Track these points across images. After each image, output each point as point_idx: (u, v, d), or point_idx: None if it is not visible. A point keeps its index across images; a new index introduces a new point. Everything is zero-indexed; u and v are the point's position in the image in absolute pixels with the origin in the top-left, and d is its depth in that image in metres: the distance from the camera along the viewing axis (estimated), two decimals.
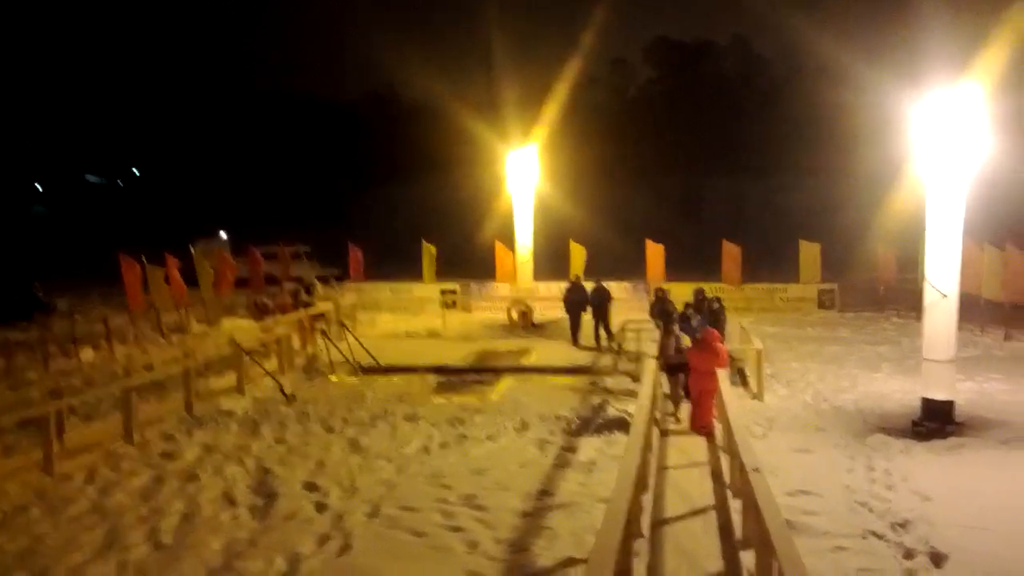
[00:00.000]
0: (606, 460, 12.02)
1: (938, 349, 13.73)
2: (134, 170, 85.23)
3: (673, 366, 14.71)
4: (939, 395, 13.63)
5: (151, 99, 78.10)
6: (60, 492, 10.98)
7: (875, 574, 8.16)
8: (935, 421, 13.44)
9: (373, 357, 19.71)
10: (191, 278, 27.50)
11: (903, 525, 9.44)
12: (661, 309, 19.07)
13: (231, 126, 74.51)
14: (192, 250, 29.77)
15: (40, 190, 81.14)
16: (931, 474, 11.22)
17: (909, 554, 8.69)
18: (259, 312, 22.09)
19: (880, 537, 9.20)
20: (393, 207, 57.41)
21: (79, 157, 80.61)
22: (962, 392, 14.72)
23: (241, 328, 20.17)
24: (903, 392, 15.94)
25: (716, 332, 14.66)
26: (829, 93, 51.09)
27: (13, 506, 10.46)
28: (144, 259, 25.00)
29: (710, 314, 17.68)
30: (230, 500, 10.65)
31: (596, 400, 15.98)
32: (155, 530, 9.54)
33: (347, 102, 76.76)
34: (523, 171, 28.50)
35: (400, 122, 67.82)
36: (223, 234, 44.93)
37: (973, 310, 20.93)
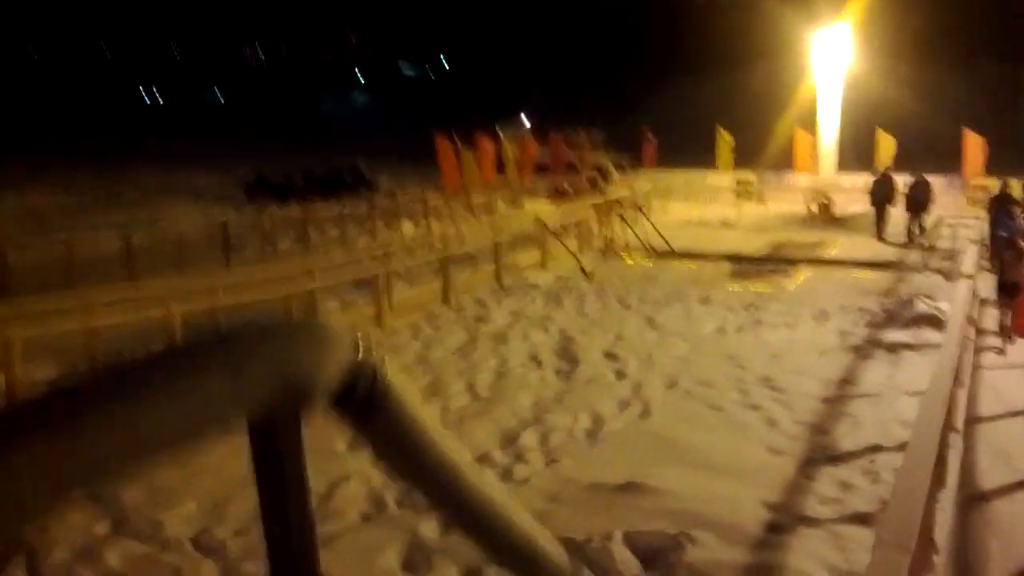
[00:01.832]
0: (913, 355, 11.51)
1: None
2: (443, 60, 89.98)
3: (1008, 284, 12.24)
4: None
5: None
6: (390, 343, 12.34)
7: None
8: None
9: (667, 242, 19.91)
10: (498, 161, 28.89)
11: None
12: (1000, 208, 17.18)
13: (529, 17, 75.98)
14: (500, 133, 31.13)
15: (362, 80, 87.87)
16: None
17: None
18: (559, 196, 22.91)
19: None
20: (687, 97, 56.08)
21: (394, 49, 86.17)
22: None
23: (544, 210, 21.12)
24: None
25: None
26: None
27: None
28: (458, 141, 26.56)
29: None
30: (537, 362, 11.46)
31: (903, 295, 15.17)
32: (472, 383, 10.51)
33: None
34: (831, 53, 26.81)
35: (697, 11, 65.61)
36: (524, 119, 46.38)
37: None
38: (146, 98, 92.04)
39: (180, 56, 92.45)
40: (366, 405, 0.95)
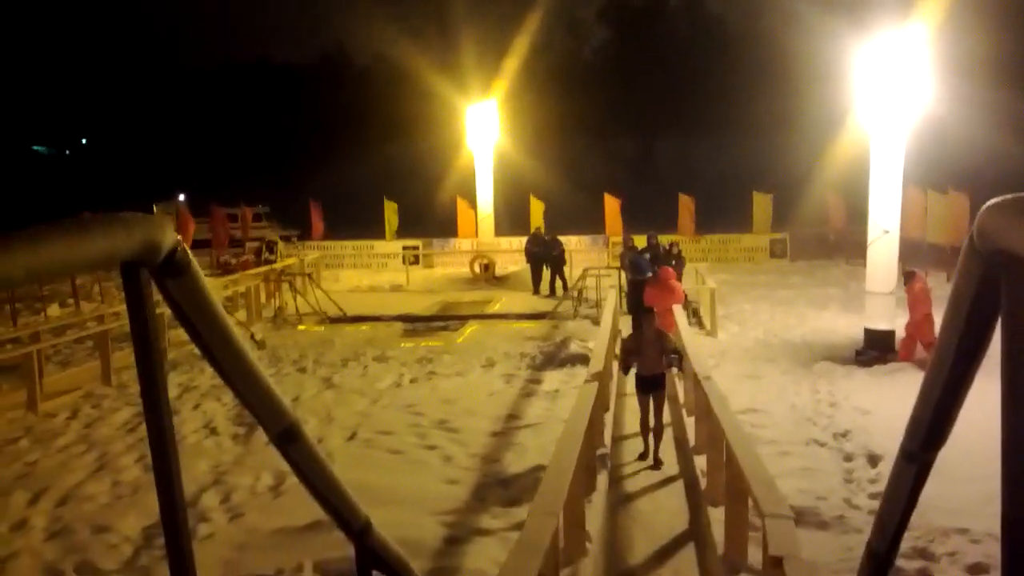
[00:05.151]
0: (569, 389, 12.65)
1: (880, 282, 14.57)
2: (82, 140, 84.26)
3: (648, 378, 9.71)
4: (880, 325, 14.49)
5: (99, 69, 76.97)
6: (46, 427, 11.38)
7: (817, 472, 8.93)
8: (876, 349, 14.29)
9: (339, 307, 20.16)
10: None
11: (844, 435, 10.23)
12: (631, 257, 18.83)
13: (182, 94, 73.84)
14: (155, 209, 29.83)
15: None
16: (870, 394, 12.03)
17: (848, 457, 9.47)
18: (223, 271, 22.40)
19: (822, 445, 9.99)
20: (352, 168, 57.24)
21: (26, 128, 79.39)
22: (902, 325, 15.56)
23: (207, 282, 20.50)
24: (849, 327, 16.74)
25: (671, 270, 15.37)
26: (778, 47, 51.73)
27: (2, 439, 10.85)
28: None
29: (670, 257, 18.21)
30: (212, 430, 11.15)
31: (558, 339, 16.63)
32: (143, 456, 9.96)
33: (300, 65, 76.37)
34: (483, 126, 28.94)
35: (354, 83, 67.63)
36: (181, 196, 44.79)
37: (917, 253, 21.84)
38: None
39: None
40: (179, 265, 1.51)
